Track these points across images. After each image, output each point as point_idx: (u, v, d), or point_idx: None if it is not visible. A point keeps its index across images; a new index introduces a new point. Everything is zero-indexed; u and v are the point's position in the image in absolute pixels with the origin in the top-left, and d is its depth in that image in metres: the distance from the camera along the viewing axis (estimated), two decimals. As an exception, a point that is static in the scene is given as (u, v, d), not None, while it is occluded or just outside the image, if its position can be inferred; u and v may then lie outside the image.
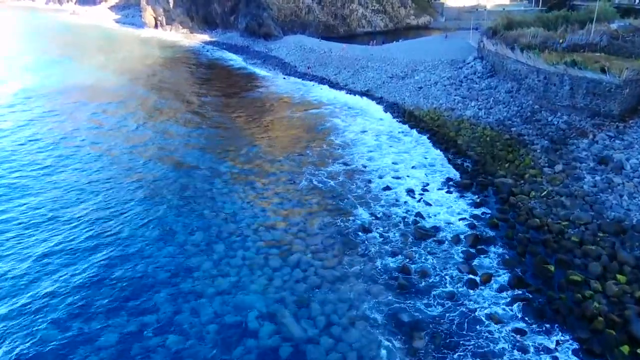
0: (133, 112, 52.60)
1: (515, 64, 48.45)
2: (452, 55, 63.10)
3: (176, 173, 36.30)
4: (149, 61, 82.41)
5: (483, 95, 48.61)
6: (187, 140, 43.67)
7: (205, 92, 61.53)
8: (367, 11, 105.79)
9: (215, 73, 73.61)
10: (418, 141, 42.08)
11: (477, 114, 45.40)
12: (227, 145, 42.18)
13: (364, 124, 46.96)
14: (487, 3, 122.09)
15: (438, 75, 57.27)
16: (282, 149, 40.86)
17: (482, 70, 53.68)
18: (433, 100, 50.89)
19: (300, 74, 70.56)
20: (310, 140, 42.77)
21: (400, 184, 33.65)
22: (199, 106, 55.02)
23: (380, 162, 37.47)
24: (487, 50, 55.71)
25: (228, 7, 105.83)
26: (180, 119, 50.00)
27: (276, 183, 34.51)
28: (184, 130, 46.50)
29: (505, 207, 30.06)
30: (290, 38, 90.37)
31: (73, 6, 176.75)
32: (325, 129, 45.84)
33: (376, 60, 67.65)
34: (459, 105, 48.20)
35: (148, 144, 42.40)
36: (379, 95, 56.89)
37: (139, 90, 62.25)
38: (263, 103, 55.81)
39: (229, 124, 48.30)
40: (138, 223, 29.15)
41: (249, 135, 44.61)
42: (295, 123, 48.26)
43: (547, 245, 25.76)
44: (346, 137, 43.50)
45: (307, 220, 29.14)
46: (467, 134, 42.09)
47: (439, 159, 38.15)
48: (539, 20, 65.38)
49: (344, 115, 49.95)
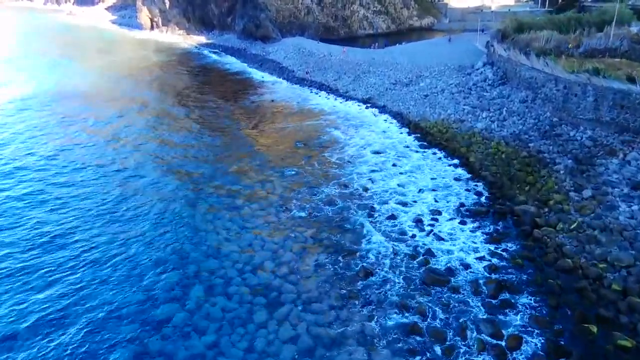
0: (108, 124, 48.07)
1: (529, 71, 44.12)
2: (459, 60, 58.79)
3: (153, 195, 32.02)
4: (140, 65, 78.11)
5: (495, 105, 44.27)
6: (169, 156, 39.25)
7: (195, 100, 57.09)
8: (368, 12, 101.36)
9: (208, 79, 69.25)
10: (425, 158, 37.73)
11: (489, 127, 41.09)
12: (215, 162, 37.91)
13: (366, 137, 42.63)
14: (491, 4, 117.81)
15: (445, 81, 52.93)
16: (275, 167, 36.58)
17: (493, 77, 49.31)
18: (440, 110, 46.57)
19: (298, 79, 66.25)
20: (306, 157, 38.47)
21: (406, 211, 29.34)
22: (186, 117, 50.54)
23: (383, 184, 33.15)
24: (497, 56, 51.34)
25: (225, 8, 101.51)
26: (165, 132, 45.45)
27: (267, 209, 30.23)
28: (167, 146, 42.00)
29: (529, 243, 25.74)
30: (289, 40, 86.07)
31: (70, 7, 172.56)
32: (323, 143, 41.51)
33: (378, 64, 63.33)
34: (468, 117, 43.88)
35: (123, 160, 38.05)
36: (381, 103, 52.55)
37: (121, 99, 57.67)
38: (257, 112, 51.49)
39: (218, 138, 43.91)
40: (100, 258, 24.87)
41: (239, 151, 40.26)
42: (290, 135, 43.92)
43: (583, 294, 21.46)
44: (346, 152, 39.17)
45: (299, 259, 24.86)
46: (480, 150, 37.76)
47: (449, 179, 33.80)
48: (549, 22, 61.12)
49: (344, 127, 45.60)
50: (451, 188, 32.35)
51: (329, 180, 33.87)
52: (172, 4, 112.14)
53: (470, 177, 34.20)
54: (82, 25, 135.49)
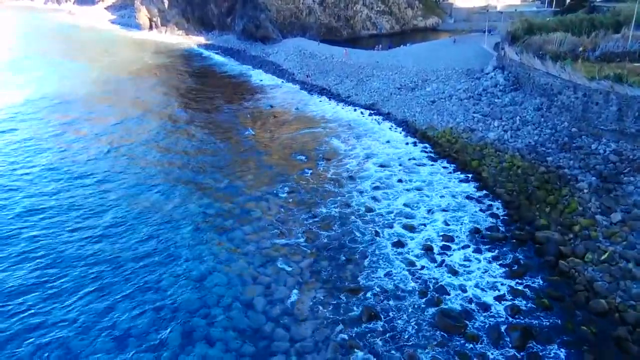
0: (92, 131, 44.98)
1: (544, 77, 40.79)
2: (466, 63, 55.49)
3: (135, 215, 28.93)
4: (134, 68, 74.99)
5: (507, 113, 40.99)
6: (158, 169, 36.13)
7: (187, 107, 53.73)
8: (372, 12, 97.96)
9: (204, 83, 65.95)
10: (434, 172, 34.50)
11: (502, 137, 37.84)
12: (205, 177, 34.78)
13: (369, 148, 39.41)
14: (497, 3, 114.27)
15: (452, 86, 49.62)
16: (271, 182, 33.44)
17: (504, 82, 45.99)
18: (449, 118, 43.30)
19: (298, 82, 63.01)
20: (304, 171, 35.29)
21: (413, 237, 26.15)
22: (179, 123, 47.41)
23: (388, 204, 29.94)
24: (509, 59, 48.02)
25: (225, 8, 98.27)
26: (154, 141, 42.22)
27: (260, 232, 27.10)
28: (157, 155, 38.94)
29: (555, 277, 22.54)
30: (290, 41, 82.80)
31: (70, 6, 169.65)
32: (322, 154, 38.30)
33: (382, 67, 60.04)
34: (479, 125, 40.62)
35: (101, 171, 35.10)
36: (385, 109, 49.29)
37: (109, 105, 54.59)
38: (253, 120, 48.29)
39: (210, 149, 40.59)
40: (65, 298, 21.78)
41: (232, 164, 37.09)
42: (288, 145, 40.72)
43: (622, 346, 18.28)
44: (347, 165, 35.97)
45: (294, 295, 21.74)
46: (493, 164, 34.51)
47: (460, 198, 30.56)
48: (561, 23, 57.80)
49: (345, 136, 42.35)
50: (463, 208, 29.12)
51: (328, 199, 30.70)
52: (171, 3, 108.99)
53: (483, 194, 30.98)
54: (81, 25, 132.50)
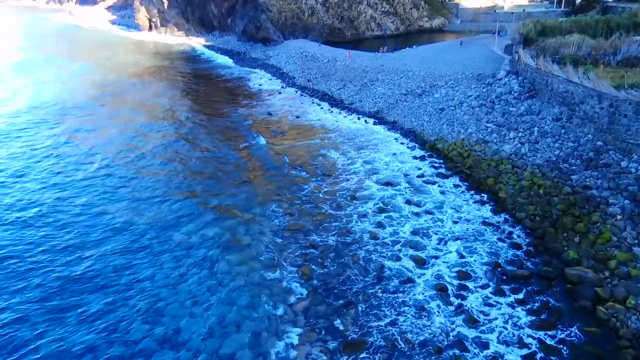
0: (75, 138, 41.74)
1: (564, 84, 37.06)
2: (476, 67, 51.77)
3: (101, 238, 25.48)
4: (129, 71, 71.55)
5: (524, 124, 37.29)
6: (136, 187, 32.41)
7: (181, 114, 50.03)
8: (376, 13, 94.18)
9: (200, 87, 62.32)
10: (445, 192, 30.81)
11: (519, 150, 34.17)
12: (191, 195, 31.24)
13: (373, 162, 35.77)
14: (504, 4, 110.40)
15: (463, 93, 45.90)
16: (264, 203, 29.88)
17: (519, 89, 42.19)
18: (459, 128, 39.65)
19: (298, 86, 59.40)
20: (301, 187, 31.70)
21: (424, 272, 22.55)
22: (168, 135, 43.49)
23: (394, 230, 26.31)
24: (523, 64, 44.26)
25: (225, 8, 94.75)
26: (139, 154, 38.47)
27: (249, 264, 23.56)
28: (137, 172, 35.04)
29: (593, 329, 18.88)
30: (291, 43, 79.18)
31: (71, 6, 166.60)
32: (321, 170, 34.65)
33: (387, 71, 56.34)
34: (493, 137, 36.95)
35: (76, 189, 31.71)
36: (391, 118, 45.63)
37: (98, 112, 51.35)
38: (249, 129, 44.64)
39: (200, 163, 36.81)
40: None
41: (223, 181, 33.46)
42: (284, 159, 37.04)
43: None
44: (348, 183, 32.33)
45: (285, 353, 18.18)
46: (511, 182, 30.83)
47: (476, 224, 26.90)
48: (575, 25, 54.07)
49: (347, 148, 38.66)
50: (480, 237, 25.46)
51: (326, 223, 27.12)
52: (170, 4, 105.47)
53: (502, 219, 27.32)
54: (81, 25, 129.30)
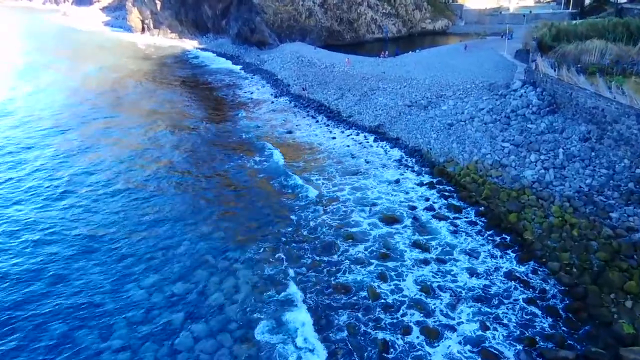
0: (51, 153, 36.78)
1: (593, 99, 32.01)
2: (486, 75, 46.65)
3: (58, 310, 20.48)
4: (113, 76, 66.54)
5: (546, 144, 32.15)
6: (88, 233, 27.38)
7: (161, 127, 44.96)
8: (377, 15, 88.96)
9: (187, 96, 57.14)
10: (458, 232, 25.63)
11: (542, 177, 29.07)
12: (157, 233, 26.12)
13: (372, 190, 30.63)
14: (509, 5, 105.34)
15: (473, 105, 40.75)
16: (243, 241, 24.89)
17: (538, 102, 37.03)
18: (472, 148, 34.53)
19: (293, 96, 54.24)
20: (288, 222, 26.58)
21: (436, 351, 17.47)
22: (138, 155, 38.29)
23: (397, 286, 21.20)
24: (542, 74, 39.11)
25: (219, 9, 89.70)
26: (97, 178, 33.38)
27: (218, 338, 18.50)
28: (91, 212, 29.85)
29: None
30: (287, 47, 74.14)
31: (65, 7, 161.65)
32: (310, 198, 29.41)
33: (389, 79, 51.22)
34: (511, 160, 31.82)
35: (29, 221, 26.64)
36: (393, 134, 40.47)
37: (74, 123, 46.41)
38: (232, 148, 39.40)
39: (172, 188, 31.57)
40: None
41: (193, 211, 28.26)
42: (270, 187, 31.82)
43: None
44: (343, 217, 27.13)
45: None
46: (537, 219, 25.71)
47: (499, 277, 21.78)
48: (592, 29, 48.87)
49: (341, 172, 33.32)
50: (505, 297, 20.35)
51: (315, 274, 22.03)
52: (163, 5, 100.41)
53: (530, 269, 22.24)
54: (73, 27, 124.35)
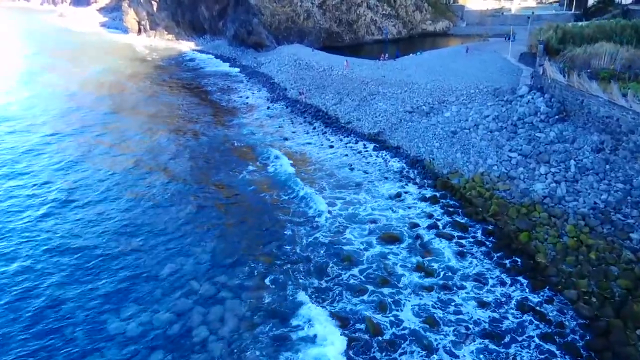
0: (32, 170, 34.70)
1: (606, 107, 30.01)
2: (491, 79, 44.71)
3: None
4: (105, 80, 64.49)
5: (556, 155, 30.10)
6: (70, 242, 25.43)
7: (153, 134, 42.79)
8: (377, 16, 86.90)
9: (178, 102, 54.76)
10: (465, 252, 23.52)
11: (554, 192, 26.99)
12: (143, 251, 24.01)
13: (370, 204, 28.51)
14: (511, 6, 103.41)
15: (478, 111, 38.69)
16: (228, 265, 22.68)
17: (547, 110, 34.97)
18: (477, 158, 32.44)
19: (289, 100, 52.11)
20: (282, 243, 24.43)
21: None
22: (124, 158, 36.32)
23: (397, 318, 19.11)
24: (550, 79, 37.07)
25: (216, 10, 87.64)
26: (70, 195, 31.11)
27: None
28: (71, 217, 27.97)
29: None
30: (285, 49, 72.08)
31: (62, 8, 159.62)
32: (305, 216, 27.26)
33: (389, 83, 49.18)
34: (520, 172, 29.73)
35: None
36: (394, 142, 38.34)
37: (59, 130, 44.28)
38: (226, 154, 37.26)
39: (158, 200, 29.39)
40: None
41: (181, 230, 26.04)
42: (258, 202, 29.66)
43: None
44: (339, 236, 25.05)
45: None
46: (550, 239, 23.60)
47: (510, 307, 19.65)
48: (600, 31, 46.90)
49: (337, 188, 31.11)
50: (518, 333, 18.23)
51: (310, 300, 19.91)
52: (160, 6, 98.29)
53: (544, 298, 20.13)
54: (69, 28, 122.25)
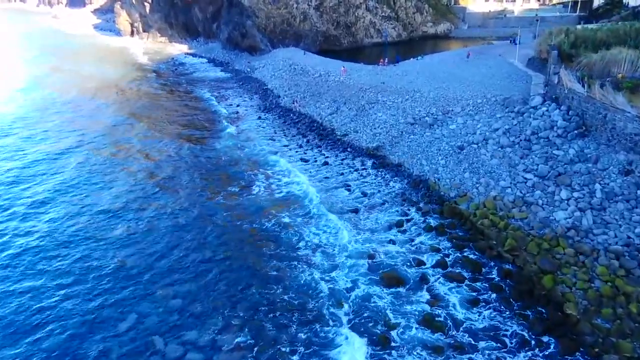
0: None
1: (634, 123, 26.29)
2: (498, 87, 40.91)
3: None
4: (89, 85, 60.76)
5: (578, 176, 26.37)
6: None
7: (134, 148, 39.26)
8: (376, 18, 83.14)
9: (170, 109, 51.26)
10: (479, 298, 19.77)
11: (579, 222, 23.25)
12: (102, 298, 20.33)
13: (369, 237, 24.79)
14: (514, 8, 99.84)
15: (486, 124, 34.94)
16: (204, 313, 18.99)
17: (564, 123, 31.20)
18: (488, 179, 28.69)
19: (282, 109, 48.35)
20: (256, 293, 20.73)
21: None
22: (89, 184, 32.71)
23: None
24: (566, 89, 33.32)
25: (210, 12, 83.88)
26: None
27: None
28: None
29: None
30: (280, 53, 68.32)
31: (57, 10, 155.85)
32: (291, 258, 23.63)
33: (389, 91, 45.35)
34: (537, 196, 26.00)
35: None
36: (395, 158, 34.56)
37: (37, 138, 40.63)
38: (211, 172, 33.56)
39: (126, 231, 25.88)
40: None
41: (149, 270, 22.31)
42: (240, 233, 25.99)
43: None
44: (331, 275, 21.34)
45: None
46: (579, 284, 19.86)
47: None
48: (613, 35, 43.11)
49: (332, 214, 27.44)
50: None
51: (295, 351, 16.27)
52: (152, 8, 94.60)
53: (579, 365, 16.43)
54: (62, 30, 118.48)
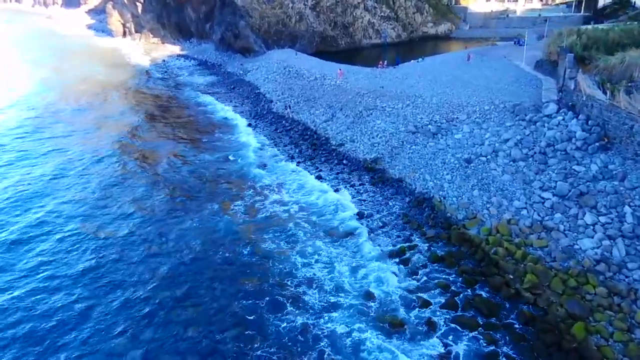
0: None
1: (667, 136, 22.83)
2: (507, 92, 37.43)
3: None
4: (75, 89, 57.26)
5: (602, 196, 22.93)
6: None
7: (114, 163, 35.93)
8: (375, 18, 79.58)
9: (155, 117, 47.71)
10: (498, 350, 16.37)
11: (609, 253, 19.84)
12: (73, 342, 16.93)
13: (367, 270, 21.35)
14: (516, 8, 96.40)
15: (494, 133, 31.46)
16: None
17: (584, 134, 27.75)
18: (500, 197, 25.23)
19: (274, 115, 44.79)
20: (238, 339, 17.32)
21: None
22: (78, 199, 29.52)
23: None
24: (584, 96, 29.85)
25: (203, 13, 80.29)
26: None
27: None
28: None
29: None
30: (275, 54, 64.81)
31: (53, 10, 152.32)
32: (276, 296, 20.20)
33: (389, 96, 41.87)
34: (557, 219, 22.55)
35: None
36: (395, 172, 31.02)
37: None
38: (194, 189, 30.11)
39: (97, 260, 22.73)
40: None
41: (124, 313, 19.10)
42: (220, 265, 22.63)
43: None
44: (324, 326, 17.94)
45: None
46: (617, 335, 16.41)
47: None
48: (627, 36, 39.53)
49: (325, 242, 24.02)
50: None
51: None
52: (145, 8, 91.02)
53: None
54: (55, 30, 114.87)
